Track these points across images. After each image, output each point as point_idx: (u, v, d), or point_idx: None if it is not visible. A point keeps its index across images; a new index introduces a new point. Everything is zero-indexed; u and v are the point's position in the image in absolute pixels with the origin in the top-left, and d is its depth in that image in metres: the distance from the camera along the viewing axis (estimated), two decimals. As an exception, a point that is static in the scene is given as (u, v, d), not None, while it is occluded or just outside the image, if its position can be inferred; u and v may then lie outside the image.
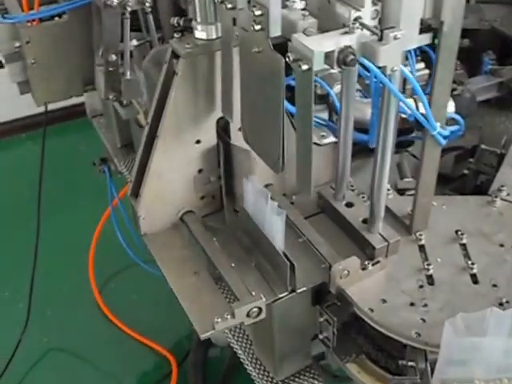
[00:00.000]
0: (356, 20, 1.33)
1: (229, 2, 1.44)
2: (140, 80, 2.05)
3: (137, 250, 2.78)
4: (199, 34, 1.61)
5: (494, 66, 2.36)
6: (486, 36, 2.46)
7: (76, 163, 4.24)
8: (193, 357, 3.29)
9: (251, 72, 1.49)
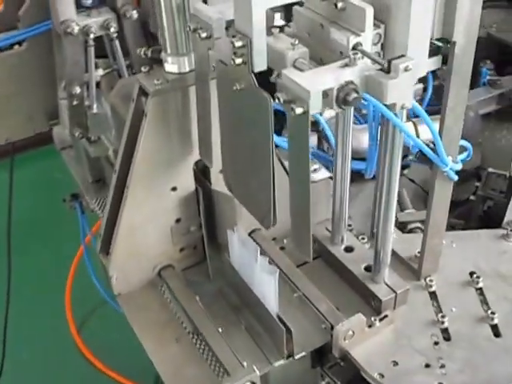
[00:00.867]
0: (355, 48, 1.11)
1: (203, 30, 1.22)
2: (108, 113, 1.82)
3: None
4: (170, 67, 1.39)
5: (492, 77, 2.19)
6: (483, 44, 2.25)
7: (51, 191, 3.99)
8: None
9: (232, 111, 1.27)
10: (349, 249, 1.61)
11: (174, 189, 1.52)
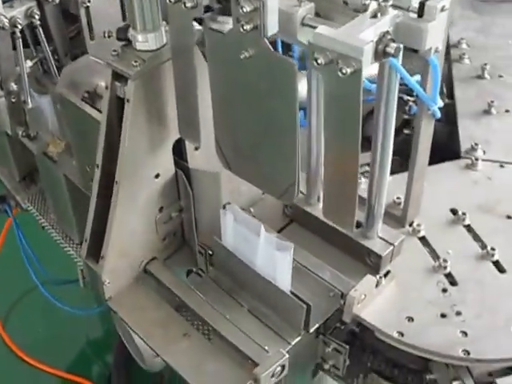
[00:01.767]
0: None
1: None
2: (43, 106, 1.67)
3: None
4: (142, 45, 1.25)
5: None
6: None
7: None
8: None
9: (235, 82, 1.16)
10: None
11: (157, 176, 1.40)
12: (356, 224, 1.43)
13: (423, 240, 1.52)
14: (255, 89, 1.13)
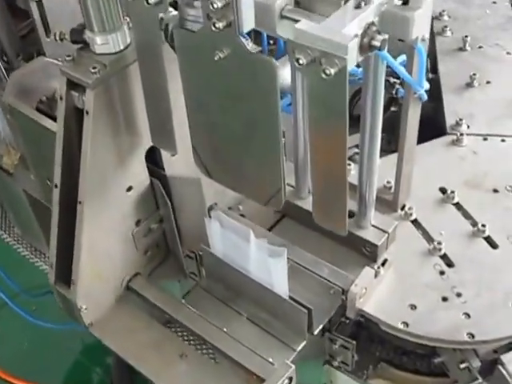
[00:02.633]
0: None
1: (152, -5, 0.99)
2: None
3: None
4: (102, 47, 1.14)
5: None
6: None
7: None
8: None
9: (212, 86, 1.06)
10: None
11: (129, 189, 1.30)
12: (348, 214, 1.37)
13: (415, 223, 1.48)
14: (233, 91, 1.03)
